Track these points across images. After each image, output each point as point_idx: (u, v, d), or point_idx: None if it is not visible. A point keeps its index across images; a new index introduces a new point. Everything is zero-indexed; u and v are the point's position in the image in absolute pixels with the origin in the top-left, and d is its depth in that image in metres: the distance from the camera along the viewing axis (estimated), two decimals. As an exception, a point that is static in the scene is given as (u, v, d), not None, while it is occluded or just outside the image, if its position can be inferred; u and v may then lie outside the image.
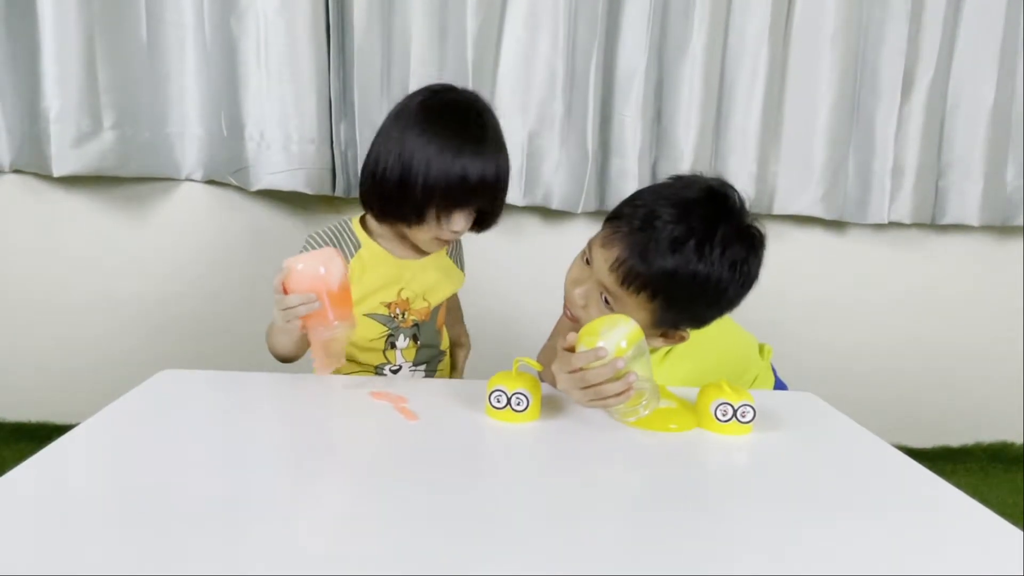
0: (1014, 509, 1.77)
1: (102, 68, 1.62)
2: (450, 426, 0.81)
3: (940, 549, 0.58)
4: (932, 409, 2.11)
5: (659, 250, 0.88)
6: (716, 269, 0.88)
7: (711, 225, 0.89)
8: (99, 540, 0.53)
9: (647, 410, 0.81)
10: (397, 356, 1.11)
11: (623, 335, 0.80)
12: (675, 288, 0.89)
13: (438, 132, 0.98)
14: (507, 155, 1.03)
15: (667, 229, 0.88)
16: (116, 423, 0.77)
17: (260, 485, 0.63)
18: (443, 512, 0.61)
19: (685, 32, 1.76)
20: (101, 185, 1.74)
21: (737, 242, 0.90)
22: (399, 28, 1.70)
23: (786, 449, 0.80)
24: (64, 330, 1.82)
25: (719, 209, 0.91)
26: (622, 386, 0.78)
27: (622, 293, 0.92)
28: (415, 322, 1.10)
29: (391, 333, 1.08)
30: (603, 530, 0.59)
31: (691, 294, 0.90)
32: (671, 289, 0.89)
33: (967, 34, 1.87)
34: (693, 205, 0.90)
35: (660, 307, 0.91)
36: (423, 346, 1.12)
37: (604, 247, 0.93)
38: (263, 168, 1.69)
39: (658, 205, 0.90)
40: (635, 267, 0.89)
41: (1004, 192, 1.95)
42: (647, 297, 0.91)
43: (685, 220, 0.88)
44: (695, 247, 0.87)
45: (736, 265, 0.90)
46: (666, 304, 0.91)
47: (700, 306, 0.93)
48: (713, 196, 0.92)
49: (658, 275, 0.89)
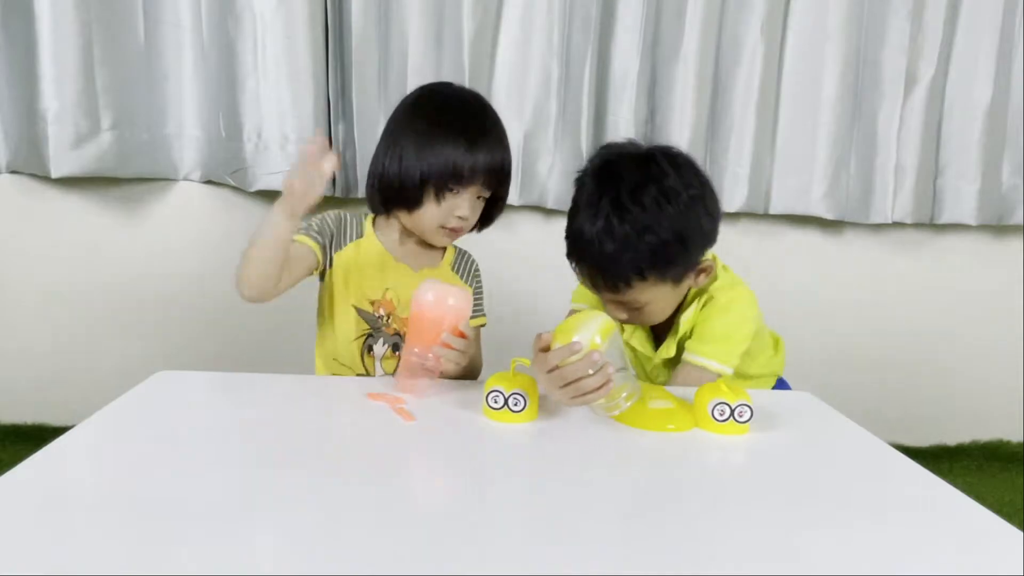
0: (1011, 507, 1.77)
1: (100, 69, 1.62)
2: (447, 427, 0.81)
3: (938, 549, 0.58)
4: (929, 407, 2.12)
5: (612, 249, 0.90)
6: (649, 213, 0.90)
7: (610, 186, 0.92)
8: (96, 541, 0.53)
9: (629, 402, 0.81)
10: (376, 366, 1.08)
11: (596, 329, 0.80)
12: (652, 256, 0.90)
13: (437, 115, 1.00)
14: (508, 147, 1.05)
15: (603, 231, 0.91)
16: (113, 424, 0.77)
17: (257, 486, 0.63)
18: (441, 512, 0.61)
19: (678, 33, 1.77)
20: (99, 186, 1.74)
21: (639, 169, 0.92)
22: (396, 29, 1.70)
23: (784, 449, 0.80)
24: (61, 331, 1.82)
25: (608, 174, 0.94)
26: (601, 379, 0.78)
27: (628, 295, 0.93)
28: (397, 331, 1.08)
29: (370, 334, 1.07)
30: (601, 530, 0.59)
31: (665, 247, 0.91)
32: (653, 259, 0.91)
33: (964, 33, 1.87)
34: (591, 198, 0.93)
35: (658, 276, 0.93)
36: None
37: (583, 279, 0.99)
38: (261, 168, 1.69)
39: (576, 228, 0.95)
40: (613, 277, 0.92)
41: (1000, 191, 1.96)
42: (646, 279, 0.92)
43: (596, 213, 0.91)
44: (622, 214, 0.90)
45: (663, 191, 0.91)
46: (663, 267, 0.92)
47: (685, 239, 0.93)
48: (598, 170, 0.96)
49: (628, 263, 0.90)
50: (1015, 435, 2.14)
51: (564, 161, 1.79)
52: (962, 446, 2.13)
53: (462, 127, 0.99)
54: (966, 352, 2.09)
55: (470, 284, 1.14)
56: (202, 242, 1.81)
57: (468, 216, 1.02)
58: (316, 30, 1.66)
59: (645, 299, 0.95)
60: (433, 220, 1.02)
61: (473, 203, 1.02)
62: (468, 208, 1.01)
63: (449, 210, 1.01)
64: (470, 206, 1.01)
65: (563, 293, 1.21)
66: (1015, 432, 2.14)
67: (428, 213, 1.01)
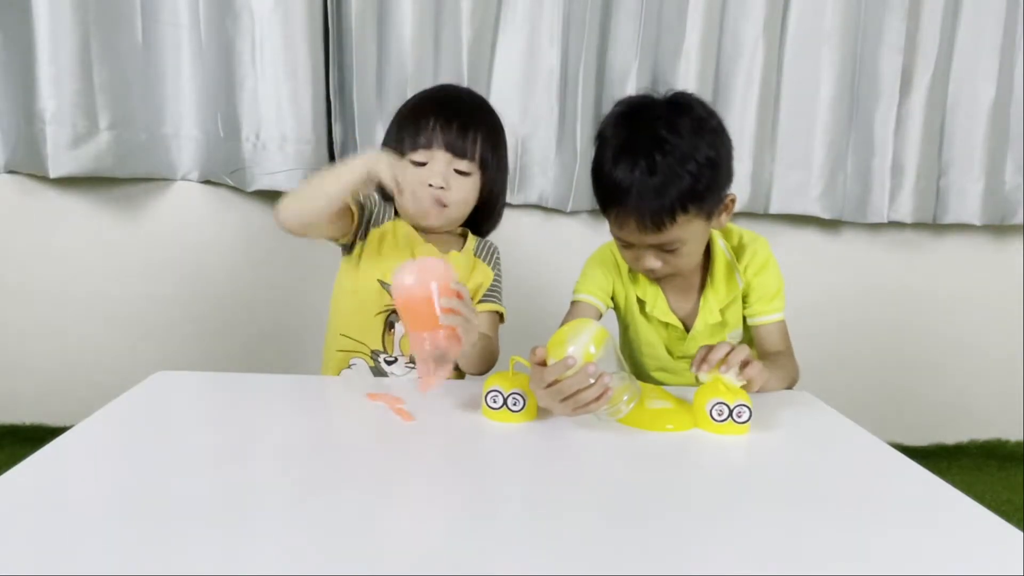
0: (1008, 506, 1.77)
1: (98, 69, 1.61)
2: (446, 427, 0.81)
3: (937, 548, 0.58)
4: (928, 407, 2.12)
5: (658, 183, 0.91)
6: (689, 140, 0.92)
7: (644, 125, 0.95)
8: (95, 541, 0.52)
9: (630, 405, 0.81)
10: (395, 344, 1.10)
11: (589, 339, 0.80)
12: (694, 184, 0.92)
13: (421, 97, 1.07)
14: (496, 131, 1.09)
15: (634, 161, 0.92)
16: (111, 425, 0.76)
17: (255, 486, 0.63)
18: (439, 512, 0.61)
19: (679, 32, 1.77)
20: (97, 186, 1.73)
21: (668, 106, 0.96)
22: (395, 28, 1.70)
23: (782, 447, 0.80)
24: (59, 332, 1.81)
25: (639, 116, 0.97)
26: (599, 390, 0.77)
27: (667, 235, 0.94)
28: None
29: (394, 310, 1.08)
30: (600, 530, 0.59)
31: (704, 173, 0.93)
32: (695, 187, 0.92)
33: (966, 32, 1.87)
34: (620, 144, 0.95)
35: (697, 208, 0.94)
36: None
37: (622, 228, 0.97)
38: (259, 168, 1.69)
39: (607, 168, 0.95)
40: (659, 213, 0.92)
41: (1003, 190, 1.96)
42: (688, 211, 0.93)
43: (635, 153, 0.93)
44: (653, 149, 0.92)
45: (694, 120, 0.94)
46: (703, 195, 0.94)
47: (710, 173, 0.95)
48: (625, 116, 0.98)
49: (674, 194, 0.91)
50: (1014, 434, 2.14)
51: (563, 161, 1.79)
52: (961, 445, 2.13)
53: (439, 99, 1.01)
54: (965, 352, 2.09)
55: (493, 269, 1.16)
56: (200, 242, 1.81)
57: (442, 183, 1.03)
58: (315, 30, 1.66)
59: (684, 237, 0.96)
60: (410, 189, 1.03)
61: (448, 173, 1.04)
62: (441, 177, 1.03)
63: (422, 178, 1.04)
64: (443, 174, 1.04)
65: (563, 292, 1.21)
66: (1014, 432, 2.14)
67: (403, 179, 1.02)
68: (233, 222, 1.80)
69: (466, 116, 1.05)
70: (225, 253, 1.82)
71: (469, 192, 1.08)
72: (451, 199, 1.05)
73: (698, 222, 0.96)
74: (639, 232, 0.95)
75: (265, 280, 1.83)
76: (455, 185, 1.05)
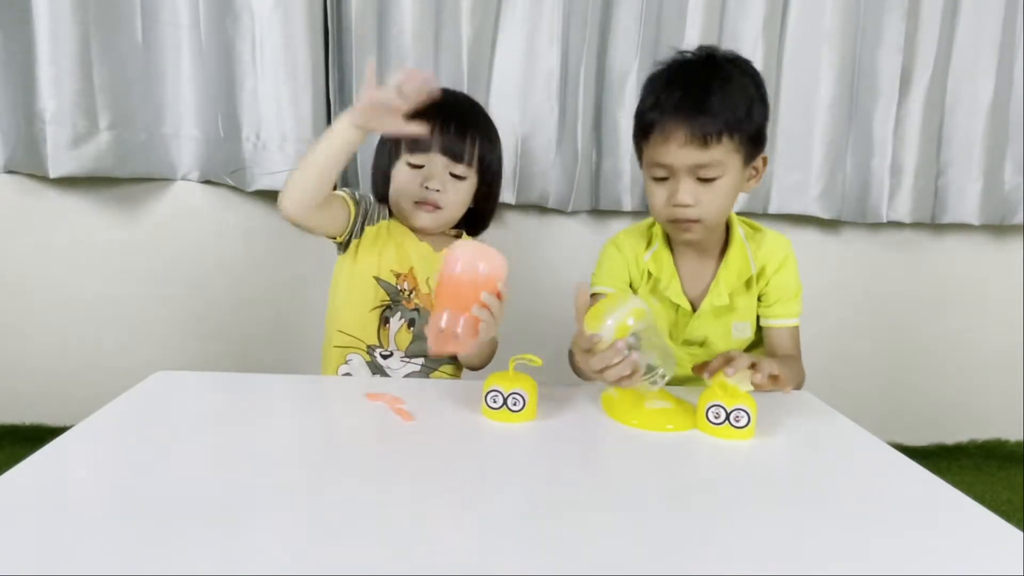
0: (1008, 506, 1.77)
1: (98, 69, 1.61)
2: (446, 427, 0.81)
3: (937, 548, 0.58)
4: (927, 407, 2.12)
5: (717, 86, 0.96)
6: (739, 77, 0.99)
7: (704, 55, 1.01)
8: (95, 541, 0.52)
9: (664, 379, 0.83)
10: (390, 339, 1.11)
11: (628, 313, 0.82)
12: (748, 106, 0.97)
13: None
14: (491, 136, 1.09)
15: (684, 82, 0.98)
16: (111, 425, 0.76)
17: (255, 486, 0.63)
18: (439, 513, 0.61)
19: (678, 32, 1.76)
20: (97, 186, 1.73)
21: (724, 56, 1.02)
22: (395, 27, 1.70)
23: (781, 447, 0.80)
24: (59, 331, 1.81)
25: (695, 54, 1.02)
26: (628, 368, 0.80)
27: (711, 155, 0.96)
28: (417, 307, 1.11)
29: (389, 305, 1.09)
30: (599, 530, 0.59)
31: (754, 102, 0.98)
32: (748, 109, 0.97)
33: (965, 32, 1.87)
34: (675, 65, 1.02)
35: (740, 139, 0.97)
36: (419, 338, 1.12)
37: (667, 143, 0.97)
38: (260, 168, 1.69)
39: (660, 86, 1.00)
40: (711, 123, 0.94)
41: (1002, 190, 1.96)
42: (729, 139, 0.96)
43: (693, 71, 0.99)
44: (711, 68, 0.99)
45: (743, 64, 1.01)
46: (749, 122, 0.97)
47: (757, 112, 1.00)
48: (674, 60, 1.03)
49: (727, 106, 0.95)
50: (1013, 434, 2.14)
51: (564, 161, 1.79)
52: (960, 445, 2.13)
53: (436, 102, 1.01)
54: (965, 352, 2.09)
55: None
56: (200, 242, 1.81)
57: (438, 187, 1.05)
58: (315, 29, 1.66)
59: (724, 163, 0.97)
60: (405, 193, 1.06)
61: (444, 177, 1.05)
62: (438, 180, 1.05)
63: (419, 180, 1.05)
64: (439, 178, 1.05)
65: (562, 292, 1.21)
66: (1014, 432, 2.14)
67: (400, 185, 1.06)
68: (233, 222, 1.80)
69: (463, 120, 1.06)
70: (225, 253, 1.82)
71: (464, 195, 1.09)
72: (445, 202, 1.07)
73: (737, 159, 0.99)
74: (685, 146, 0.96)
75: (265, 280, 1.83)
76: (451, 188, 1.07)
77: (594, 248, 1.20)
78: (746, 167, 1.02)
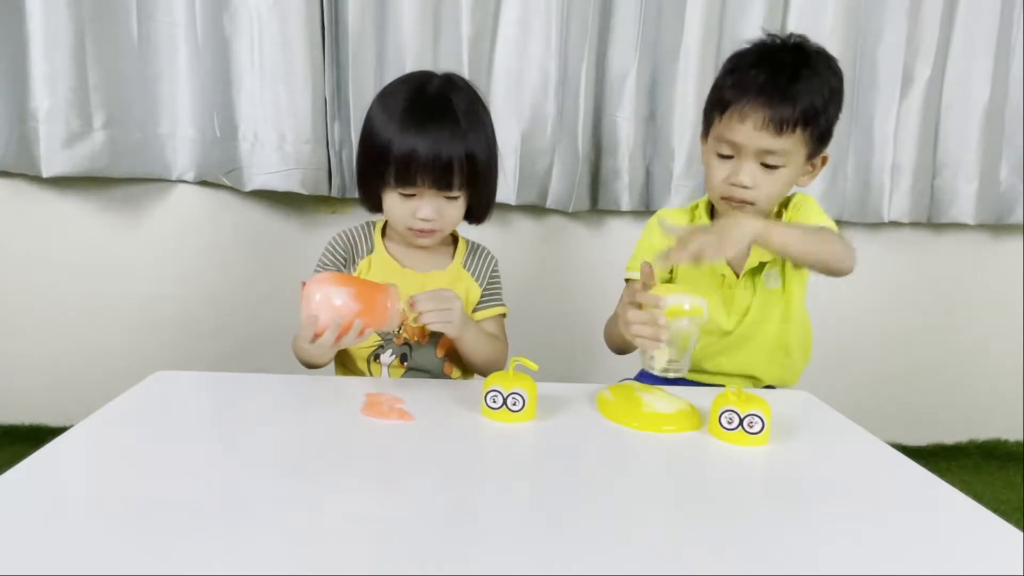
0: (1008, 506, 1.78)
1: (92, 67, 1.60)
2: (446, 427, 0.81)
3: (937, 548, 0.59)
4: (927, 407, 2.12)
5: (807, 74, 0.97)
6: (825, 71, 1.00)
7: (790, 48, 1.01)
8: (94, 541, 0.52)
9: (667, 374, 0.88)
10: (383, 372, 1.08)
11: (691, 306, 0.85)
12: (827, 98, 0.98)
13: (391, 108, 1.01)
14: (483, 138, 1.01)
15: (777, 69, 0.98)
16: (110, 425, 0.76)
17: (254, 486, 0.63)
18: (439, 512, 0.61)
19: (677, 31, 1.76)
20: (91, 186, 1.72)
21: (814, 48, 1.03)
22: (393, 27, 1.69)
23: (781, 447, 0.80)
24: (57, 332, 1.81)
25: (785, 42, 1.03)
26: (652, 331, 0.85)
27: (781, 143, 0.97)
28: (407, 341, 1.07)
29: (381, 345, 1.07)
30: (599, 530, 0.59)
31: (833, 95, 1.00)
32: (824, 102, 0.98)
33: (962, 32, 1.87)
34: (764, 48, 1.02)
35: (812, 132, 0.99)
36: (413, 369, 1.09)
37: (742, 122, 0.98)
38: (257, 168, 1.68)
39: (745, 65, 1.00)
40: (790, 108, 0.96)
41: (999, 190, 1.96)
42: (803, 130, 0.97)
43: (769, 59, 1.00)
44: (799, 66, 0.98)
45: (829, 60, 1.02)
46: (821, 115, 0.98)
47: (833, 109, 1.01)
48: (760, 42, 1.04)
49: (807, 92, 0.96)
50: (1013, 434, 2.14)
51: (563, 161, 1.78)
52: (960, 445, 2.14)
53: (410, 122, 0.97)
54: (965, 352, 2.10)
55: (481, 281, 1.13)
56: (197, 242, 1.80)
57: (432, 216, 1.00)
58: (312, 29, 1.65)
59: (791, 152, 0.99)
60: (399, 221, 1.03)
61: (437, 203, 1.00)
62: (431, 209, 1.00)
63: (411, 211, 1.00)
64: (433, 207, 1.00)
65: (563, 292, 1.21)
66: (1013, 431, 2.14)
67: (393, 213, 1.03)
68: (230, 222, 1.79)
69: (449, 144, 0.97)
70: (222, 253, 1.81)
71: (460, 209, 1.05)
72: (441, 224, 1.03)
73: (802, 152, 1.00)
74: (759, 129, 0.97)
75: (263, 280, 1.83)
76: (445, 210, 1.02)
77: (594, 248, 1.20)
78: (807, 162, 1.03)
